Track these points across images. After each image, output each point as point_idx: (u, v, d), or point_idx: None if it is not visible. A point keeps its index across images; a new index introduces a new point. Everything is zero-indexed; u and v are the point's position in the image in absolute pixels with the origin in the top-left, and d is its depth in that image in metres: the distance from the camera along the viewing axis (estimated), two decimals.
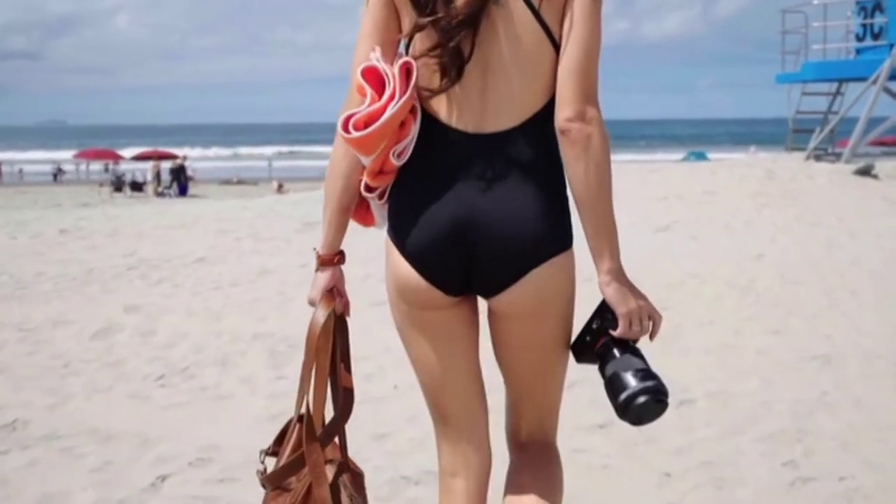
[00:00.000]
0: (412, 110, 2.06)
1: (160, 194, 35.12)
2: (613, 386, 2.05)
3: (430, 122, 2.09)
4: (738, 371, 5.37)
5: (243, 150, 77.11)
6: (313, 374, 2.24)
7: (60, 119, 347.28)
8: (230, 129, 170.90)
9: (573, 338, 2.19)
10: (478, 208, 2.05)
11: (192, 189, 36.52)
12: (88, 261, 10.16)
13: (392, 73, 2.03)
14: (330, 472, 2.21)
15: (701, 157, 42.14)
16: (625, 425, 2.15)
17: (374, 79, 2.04)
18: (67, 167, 48.67)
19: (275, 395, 4.96)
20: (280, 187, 35.16)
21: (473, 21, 1.99)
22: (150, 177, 37.37)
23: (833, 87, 20.22)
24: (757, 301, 7.57)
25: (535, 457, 2.29)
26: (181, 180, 36.00)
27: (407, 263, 2.12)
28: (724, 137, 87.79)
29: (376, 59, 2.06)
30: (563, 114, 2.02)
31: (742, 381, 5.14)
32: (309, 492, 2.16)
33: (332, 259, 2.25)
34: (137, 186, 36.58)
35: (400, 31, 2.10)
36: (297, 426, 2.24)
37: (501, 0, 2.00)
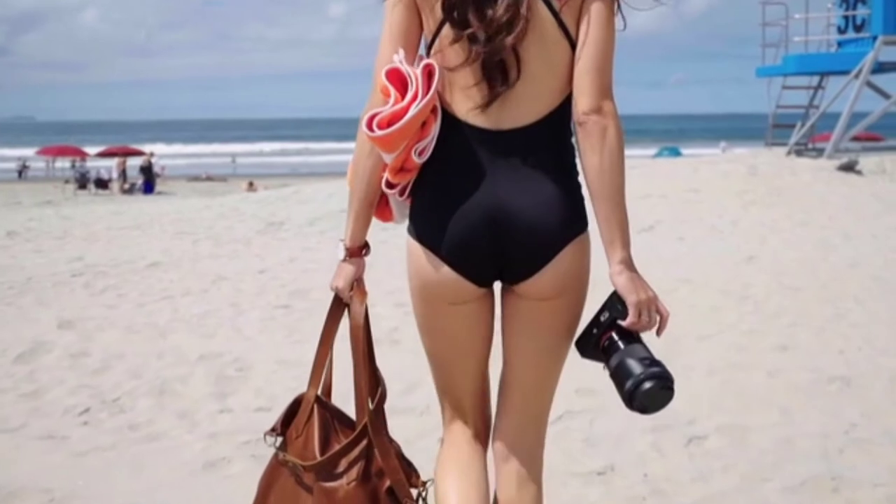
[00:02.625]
0: (433, 110, 2.13)
1: (126, 191, 34.17)
2: (619, 374, 2.07)
3: (452, 121, 2.16)
4: (750, 398, 4.71)
5: (213, 147, 75.85)
6: (328, 360, 2.40)
7: (28, 115, 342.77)
8: (200, 124, 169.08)
9: (579, 334, 2.21)
10: (504, 201, 2.12)
11: (160, 186, 35.61)
12: (30, 267, 9.37)
13: (415, 74, 2.09)
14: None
15: (674, 152, 41.74)
16: (628, 473, 2.35)
17: (398, 80, 2.11)
18: (35, 164, 47.42)
19: (216, 434, 4.24)
20: (250, 185, 34.42)
21: (512, 33, 2.06)
22: (115, 174, 36.33)
23: (814, 80, 19.76)
24: (756, 310, 6.94)
25: (521, 471, 2.33)
26: (148, 178, 35.08)
27: (436, 258, 2.19)
28: (697, 133, 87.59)
29: (399, 61, 2.12)
30: (580, 107, 2.10)
31: (757, 412, 4.48)
32: (366, 469, 2.27)
33: (360, 251, 2.35)
34: (102, 184, 35.57)
35: (421, 33, 2.19)
36: (316, 407, 2.35)
37: (528, 8, 2.07)
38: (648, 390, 2.03)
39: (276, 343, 6.02)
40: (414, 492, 2.34)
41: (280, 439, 2.40)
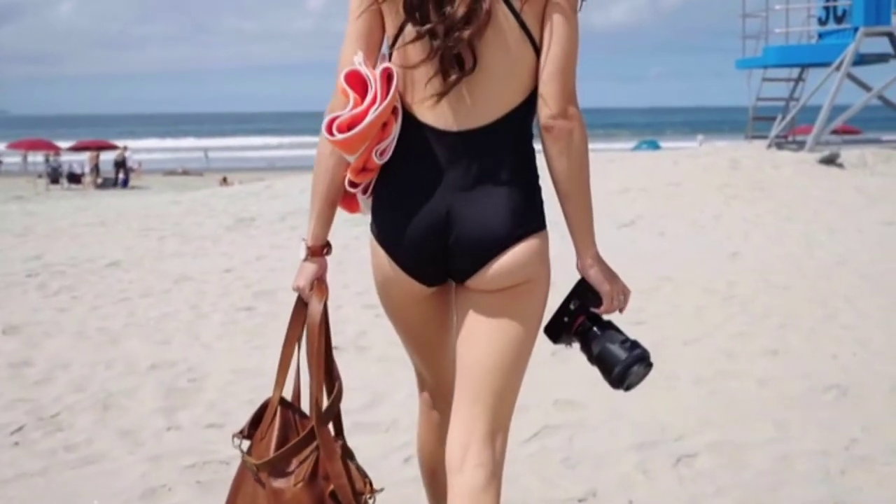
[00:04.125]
0: (394, 111, 2.15)
1: (100, 186, 33.58)
2: (605, 361, 2.16)
3: (410, 122, 2.17)
4: (741, 410, 4.37)
5: (189, 141, 74.95)
6: (294, 360, 2.35)
7: (2, 109, 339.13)
8: (177, 118, 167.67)
9: (547, 322, 2.27)
10: (456, 205, 2.14)
11: (134, 181, 35.04)
12: None
13: (374, 77, 2.10)
14: (338, 448, 2.30)
15: (653, 145, 41.48)
16: (612, 498, 2.40)
17: (358, 82, 2.12)
18: (10, 159, 46.57)
19: (159, 456, 3.85)
20: (224, 180, 33.93)
21: (469, 28, 2.07)
22: (87, 168, 35.68)
23: (794, 72, 19.50)
24: (743, 311, 6.62)
25: (477, 484, 2.19)
26: (122, 172, 34.50)
27: (388, 258, 2.22)
28: (675, 126, 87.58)
29: (359, 63, 2.13)
30: (546, 112, 2.13)
31: (750, 426, 4.14)
32: (314, 471, 2.23)
33: (321, 250, 2.35)
34: (75, 178, 34.94)
35: (383, 35, 2.19)
36: (280, 410, 2.31)
37: (489, 5, 2.07)
38: (636, 373, 2.15)
39: (235, 349, 5.64)
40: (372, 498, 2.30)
41: (248, 443, 2.36)
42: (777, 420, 4.21)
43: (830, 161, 15.94)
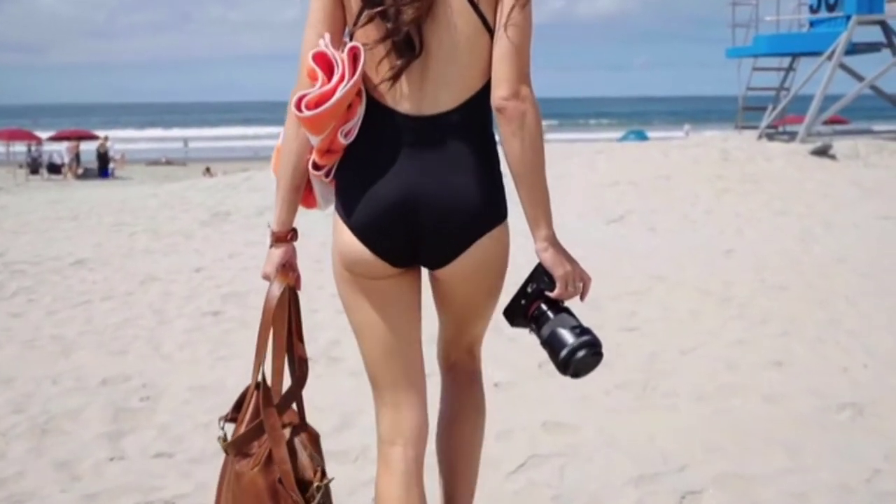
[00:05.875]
0: (358, 93, 2.17)
1: (80, 176, 32.99)
2: (553, 344, 2.15)
3: (374, 105, 2.20)
4: (748, 434, 3.97)
5: (174, 131, 74.08)
6: (269, 345, 2.32)
7: None
8: (161, 107, 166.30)
9: (506, 305, 2.27)
10: (421, 187, 2.16)
11: (117, 171, 34.40)
12: None
13: (341, 57, 2.13)
14: (286, 434, 2.28)
15: (640, 136, 41.06)
16: None
17: (324, 63, 2.14)
18: None
19: (96, 495, 3.39)
20: (208, 170, 33.40)
21: (419, 10, 2.10)
22: (66, 158, 35.02)
23: (785, 62, 19.14)
24: (741, 315, 6.23)
25: (464, 382, 2.53)
26: (103, 163, 33.90)
27: (353, 236, 2.22)
28: (661, 115, 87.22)
29: (325, 45, 2.15)
30: (499, 93, 2.14)
31: (759, 454, 3.74)
32: (270, 455, 2.23)
33: (286, 236, 2.34)
34: (55, 168, 34.29)
35: (345, 19, 2.22)
36: (255, 393, 2.32)
37: None
38: (582, 358, 2.11)
39: (197, 361, 5.21)
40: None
41: (232, 426, 2.37)
42: (788, 446, 3.81)
43: (822, 152, 15.58)
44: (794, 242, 9.36)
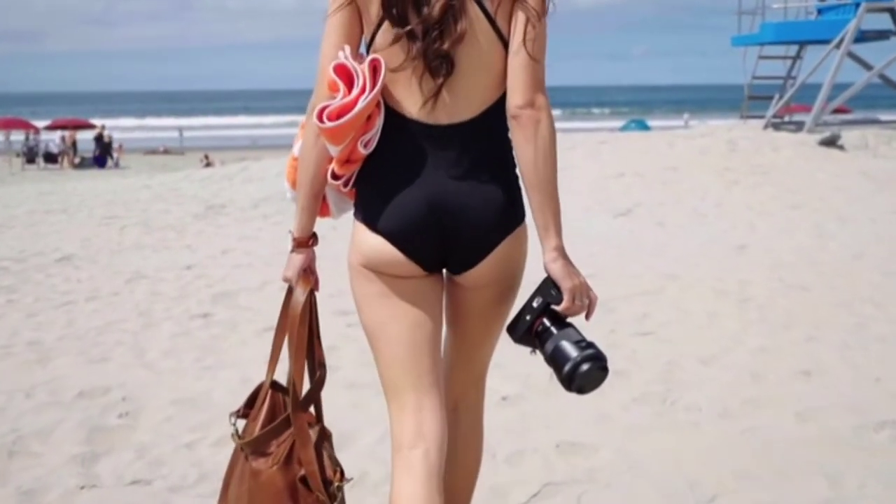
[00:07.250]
0: (377, 104, 2.21)
1: (77, 166, 32.61)
2: (556, 359, 2.11)
3: (393, 115, 2.23)
4: (783, 457, 3.63)
5: (171, 120, 73.58)
6: (284, 347, 2.37)
7: None
8: (160, 95, 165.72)
9: (512, 318, 2.25)
10: (448, 193, 2.20)
11: (112, 160, 34.04)
12: None
13: (361, 69, 2.16)
14: (312, 435, 2.31)
15: (642, 125, 40.67)
16: None
17: (345, 75, 2.17)
18: None
19: None
20: (206, 158, 33.02)
21: (456, 39, 2.13)
22: (63, 147, 34.60)
23: (792, 50, 18.75)
24: (762, 318, 5.89)
25: (468, 424, 2.52)
26: (101, 150, 33.53)
27: (382, 239, 2.23)
28: (661, 104, 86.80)
29: (345, 56, 2.18)
30: (514, 101, 2.17)
31: (797, 481, 3.39)
32: (290, 454, 2.27)
33: (307, 241, 2.37)
34: (52, 158, 33.90)
35: (362, 32, 2.24)
36: (271, 393, 2.38)
37: (463, 6, 2.14)
38: (587, 372, 2.08)
39: (182, 370, 4.86)
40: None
41: (243, 422, 2.40)
42: (828, 471, 3.46)
43: (831, 143, 15.22)
44: (809, 238, 9.02)
